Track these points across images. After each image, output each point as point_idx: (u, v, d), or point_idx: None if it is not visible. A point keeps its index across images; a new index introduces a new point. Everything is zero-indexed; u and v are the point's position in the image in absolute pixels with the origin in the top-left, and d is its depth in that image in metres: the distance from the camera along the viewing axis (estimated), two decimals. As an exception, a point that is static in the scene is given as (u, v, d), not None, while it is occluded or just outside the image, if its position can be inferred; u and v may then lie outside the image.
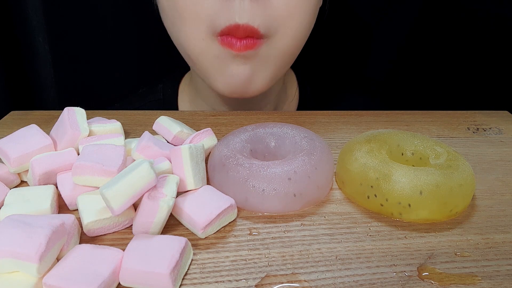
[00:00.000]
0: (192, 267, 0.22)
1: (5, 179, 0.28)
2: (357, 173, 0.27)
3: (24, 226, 0.20)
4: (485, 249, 0.24)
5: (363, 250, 0.23)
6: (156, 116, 0.35)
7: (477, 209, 0.27)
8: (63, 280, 0.19)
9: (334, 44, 0.59)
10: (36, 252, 0.19)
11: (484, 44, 0.56)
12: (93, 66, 0.58)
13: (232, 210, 0.25)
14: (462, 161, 0.27)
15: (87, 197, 0.25)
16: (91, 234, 0.24)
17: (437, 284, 0.21)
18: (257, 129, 0.31)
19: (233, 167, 0.26)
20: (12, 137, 0.28)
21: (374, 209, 0.26)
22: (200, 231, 0.23)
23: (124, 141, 0.30)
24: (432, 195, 0.25)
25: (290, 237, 0.24)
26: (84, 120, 0.30)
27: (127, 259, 0.20)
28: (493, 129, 0.38)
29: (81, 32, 0.56)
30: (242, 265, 0.22)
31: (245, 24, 0.34)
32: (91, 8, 0.55)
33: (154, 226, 0.23)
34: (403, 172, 0.25)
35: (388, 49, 0.59)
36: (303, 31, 0.38)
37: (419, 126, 0.39)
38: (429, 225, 0.25)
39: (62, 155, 0.28)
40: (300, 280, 0.21)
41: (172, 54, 0.44)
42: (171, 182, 0.24)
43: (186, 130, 0.33)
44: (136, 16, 0.56)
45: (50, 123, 0.36)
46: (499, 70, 0.57)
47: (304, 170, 0.26)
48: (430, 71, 0.59)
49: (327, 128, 0.38)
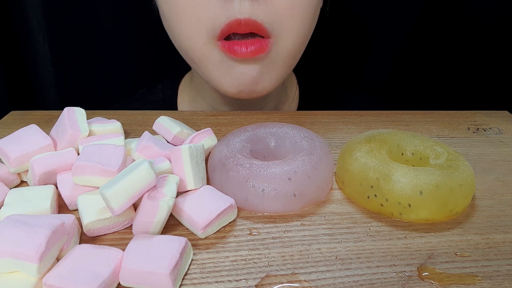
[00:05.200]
0: (192, 267, 0.22)
1: (5, 179, 0.28)
2: (357, 173, 0.27)
3: (24, 226, 0.20)
4: (485, 249, 0.24)
5: (363, 250, 0.23)
6: (156, 116, 0.35)
7: (477, 209, 0.27)
8: (63, 280, 0.19)
9: (335, 44, 0.59)
10: (36, 252, 0.19)
11: (484, 44, 0.56)
12: (93, 66, 0.58)
13: (232, 210, 0.25)
14: (462, 161, 0.27)
15: (87, 197, 0.25)
16: (91, 234, 0.24)
17: (437, 284, 0.21)
18: (257, 129, 0.31)
19: (233, 167, 0.26)
20: (12, 137, 0.28)
21: (374, 209, 0.26)
22: (200, 231, 0.23)
23: (124, 141, 0.30)
24: (432, 195, 0.25)
25: (290, 237, 0.24)
26: (84, 120, 0.30)
27: (127, 259, 0.20)
28: (493, 129, 0.38)
29: (81, 32, 0.56)
30: (242, 265, 0.22)
31: (247, 19, 0.33)
32: (91, 9, 0.55)
33: (154, 226, 0.23)
34: (403, 172, 0.25)
35: (388, 49, 0.59)
36: (306, 30, 0.38)
37: (419, 126, 0.39)
38: (429, 225, 0.25)
39: (62, 155, 0.28)
40: (300, 280, 0.21)
41: (172, 54, 0.44)
42: (171, 182, 0.24)
43: (186, 130, 0.33)
44: (136, 17, 0.56)
45: (50, 123, 0.36)
46: (499, 70, 0.57)
47: (304, 170, 0.26)
48: (430, 71, 0.59)
49: (327, 128, 0.38)
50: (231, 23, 0.33)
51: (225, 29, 0.34)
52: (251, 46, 0.34)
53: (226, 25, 0.33)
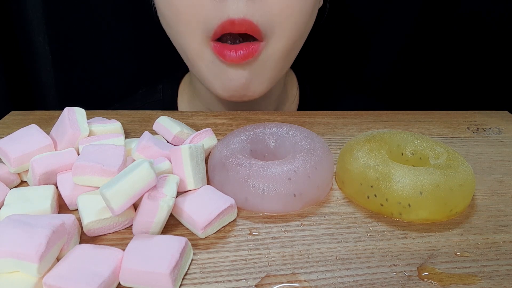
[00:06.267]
0: (192, 267, 0.22)
1: (5, 179, 0.28)
2: (357, 173, 0.27)
3: (24, 226, 0.20)
4: (485, 249, 0.24)
5: (363, 250, 0.23)
6: (156, 116, 0.35)
7: (477, 209, 0.27)
8: (63, 280, 0.19)
9: (334, 44, 0.59)
10: (36, 252, 0.19)
11: (484, 44, 0.56)
12: (93, 66, 0.58)
13: (232, 210, 0.25)
14: (462, 161, 0.27)
15: (87, 197, 0.25)
16: (91, 234, 0.24)
17: (437, 284, 0.21)
18: (257, 129, 0.31)
19: (233, 167, 0.27)
20: (12, 137, 0.28)
21: (374, 209, 0.26)
22: (200, 231, 0.24)
23: (124, 141, 0.30)
24: (432, 195, 0.25)
25: (290, 237, 0.24)
26: (84, 120, 0.30)
27: (127, 259, 0.20)
28: (493, 129, 0.38)
29: (81, 32, 0.56)
30: (242, 265, 0.22)
31: (241, 19, 0.33)
32: (91, 8, 0.55)
33: (154, 226, 0.23)
34: (403, 172, 0.25)
35: (388, 49, 0.59)
36: (300, 31, 0.37)
37: (419, 126, 0.39)
38: (429, 225, 0.25)
39: (62, 155, 0.28)
40: (300, 280, 0.21)
41: (172, 55, 0.44)
42: (171, 182, 0.24)
43: (186, 130, 0.33)
44: (136, 17, 0.56)
45: (50, 123, 0.36)
46: (499, 70, 0.57)
47: (304, 170, 0.26)
48: (430, 71, 0.59)
49: (327, 128, 0.38)
50: (224, 23, 0.33)
51: (218, 29, 0.34)
52: (240, 51, 0.34)
53: (220, 25, 0.33)
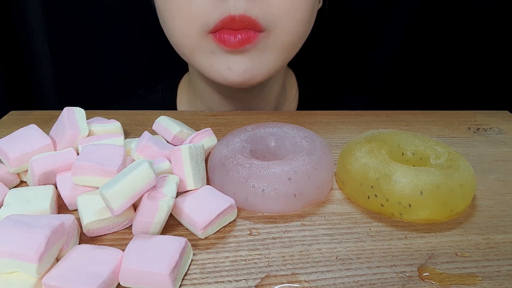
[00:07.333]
0: (192, 267, 0.22)
1: (5, 179, 0.28)
2: (357, 173, 0.27)
3: (23, 226, 0.20)
4: (485, 249, 0.23)
5: (363, 251, 0.23)
6: (156, 116, 0.35)
7: (477, 209, 0.27)
8: (62, 280, 0.19)
9: (334, 44, 0.59)
10: (35, 252, 0.19)
11: (484, 44, 0.56)
12: (92, 66, 0.58)
13: (232, 210, 0.25)
14: (462, 161, 0.27)
15: (87, 197, 0.25)
16: (91, 234, 0.24)
17: (437, 284, 0.21)
18: (257, 129, 0.31)
19: (233, 167, 0.26)
20: (11, 137, 0.28)
21: (374, 209, 0.26)
22: (200, 231, 0.23)
23: (123, 141, 0.30)
24: (432, 195, 0.24)
25: (290, 237, 0.24)
26: (84, 120, 0.30)
27: (127, 259, 0.20)
28: (493, 129, 0.38)
29: (81, 32, 0.56)
30: (242, 265, 0.22)
31: (241, 15, 0.33)
32: (91, 9, 0.55)
33: (154, 226, 0.23)
34: (403, 172, 0.25)
35: (388, 49, 0.59)
36: (303, 25, 0.37)
37: (419, 126, 0.39)
38: (429, 225, 0.25)
39: (61, 155, 0.28)
40: (300, 281, 0.21)
41: (171, 55, 0.44)
42: (171, 182, 0.24)
43: (186, 130, 0.33)
44: (136, 17, 0.56)
45: (50, 123, 0.36)
46: (499, 70, 0.57)
47: (304, 170, 0.26)
48: (430, 71, 0.59)
49: (327, 128, 0.38)
50: (225, 19, 0.33)
51: (218, 25, 0.34)
52: (238, 35, 0.34)
53: (220, 21, 0.34)
